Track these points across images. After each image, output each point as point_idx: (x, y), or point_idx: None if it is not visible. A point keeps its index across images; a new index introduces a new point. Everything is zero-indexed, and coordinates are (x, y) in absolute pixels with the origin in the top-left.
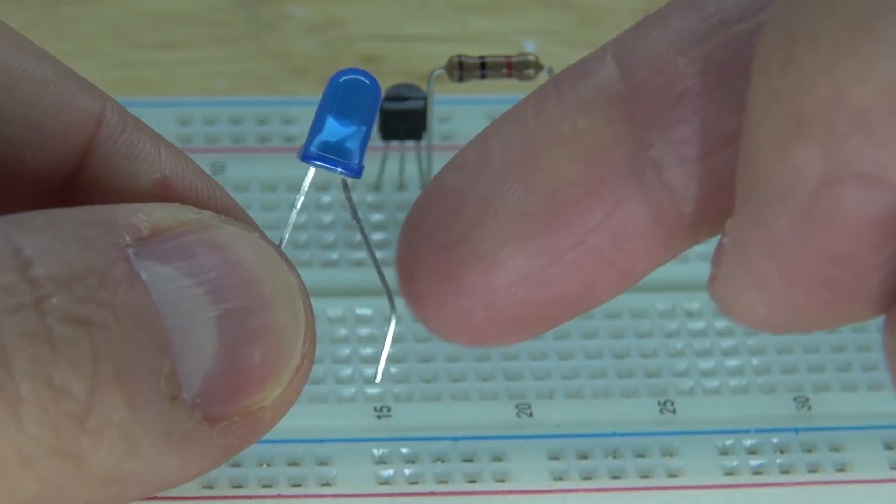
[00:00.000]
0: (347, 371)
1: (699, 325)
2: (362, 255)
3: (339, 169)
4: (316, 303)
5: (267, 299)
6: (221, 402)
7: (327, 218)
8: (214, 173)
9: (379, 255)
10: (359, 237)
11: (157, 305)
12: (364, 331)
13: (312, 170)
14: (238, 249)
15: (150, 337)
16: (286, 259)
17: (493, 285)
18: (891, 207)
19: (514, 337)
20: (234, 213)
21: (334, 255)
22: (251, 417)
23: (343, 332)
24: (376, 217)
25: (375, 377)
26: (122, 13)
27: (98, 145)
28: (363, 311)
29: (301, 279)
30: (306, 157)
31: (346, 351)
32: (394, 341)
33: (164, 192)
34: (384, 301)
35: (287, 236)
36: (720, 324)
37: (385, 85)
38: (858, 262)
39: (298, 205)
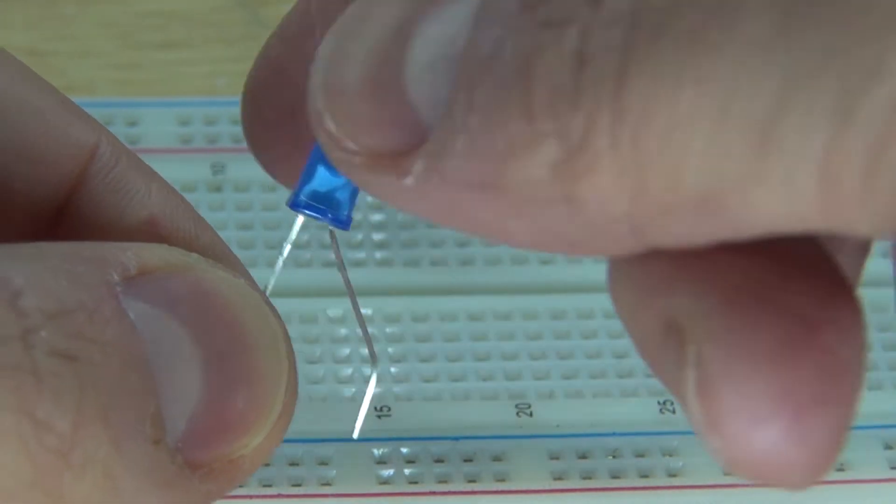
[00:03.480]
0: (347, 371)
1: None
2: (362, 255)
3: (328, 219)
4: (317, 302)
5: (251, 344)
6: (203, 448)
7: None
8: (214, 173)
9: (380, 254)
10: (360, 236)
11: (143, 345)
12: None
13: (301, 217)
14: (224, 294)
15: (136, 376)
16: (271, 306)
17: None
18: None
19: None
20: (221, 255)
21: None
22: (231, 465)
23: (343, 332)
24: (376, 217)
25: (354, 432)
26: (122, 13)
27: (89, 178)
28: (363, 311)
29: (285, 327)
30: (295, 206)
31: (346, 351)
32: (394, 341)
33: (151, 230)
34: (384, 301)
35: (273, 283)
36: None
37: None
38: None
39: (286, 252)
